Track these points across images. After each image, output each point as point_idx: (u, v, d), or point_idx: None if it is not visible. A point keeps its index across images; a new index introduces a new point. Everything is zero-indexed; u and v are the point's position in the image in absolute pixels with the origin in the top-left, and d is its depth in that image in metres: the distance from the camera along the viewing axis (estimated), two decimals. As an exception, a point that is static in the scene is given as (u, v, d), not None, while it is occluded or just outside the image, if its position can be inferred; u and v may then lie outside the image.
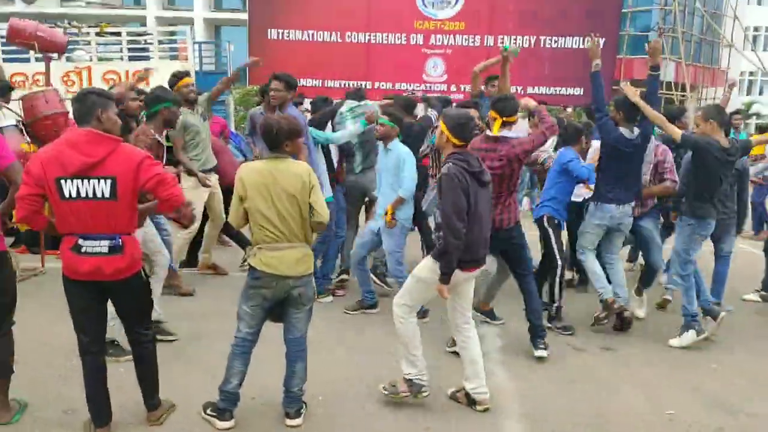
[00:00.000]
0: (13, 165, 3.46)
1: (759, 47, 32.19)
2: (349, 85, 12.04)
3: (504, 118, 4.48)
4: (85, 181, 3.05)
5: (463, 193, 3.51)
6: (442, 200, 3.54)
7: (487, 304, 5.42)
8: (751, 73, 35.35)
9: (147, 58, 10.62)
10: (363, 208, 6.82)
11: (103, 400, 3.35)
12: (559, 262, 5.19)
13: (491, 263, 5.04)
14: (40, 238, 6.62)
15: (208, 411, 3.56)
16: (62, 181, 3.04)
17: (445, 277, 3.57)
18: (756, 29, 36.82)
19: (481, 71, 6.42)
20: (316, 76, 11.93)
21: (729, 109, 6.47)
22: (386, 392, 3.85)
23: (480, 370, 3.87)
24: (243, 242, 6.27)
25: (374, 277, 6.02)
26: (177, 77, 5.92)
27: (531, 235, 5.12)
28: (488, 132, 4.57)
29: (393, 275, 5.47)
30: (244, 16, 12.98)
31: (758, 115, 31.35)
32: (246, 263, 3.76)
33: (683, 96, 21.54)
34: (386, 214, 5.22)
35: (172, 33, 12.06)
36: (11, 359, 3.50)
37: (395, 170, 5.20)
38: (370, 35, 12.04)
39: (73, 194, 3.05)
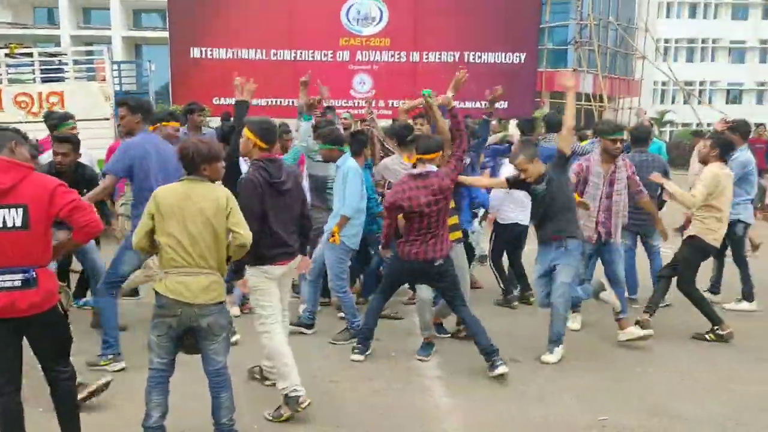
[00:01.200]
0: None
1: (670, 58, 33.97)
2: (277, 102, 11.95)
3: (419, 155, 4.55)
4: None
5: (256, 199, 3.73)
6: (238, 201, 3.53)
7: (438, 318, 5.43)
8: (663, 83, 37.24)
9: (62, 79, 10.17)
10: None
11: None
12: None
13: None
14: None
15: None
16: None
17: (240, 273, 3.77)
18: (666, 41, 38.87)
19: (407, 111, 6.53)
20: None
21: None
22: (271, 418, 3.84)
23: (289, 367, 3.84)
24: None
25: None
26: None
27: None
28: (413, 171, 4.60)
29: (334, 290, 5.42)
30: (166, 34, 12.67)
31: (672, 123, 32.99)
32: None
33: (601, 106, 22.47)
34: (332, 234, 5.16)
35: (89, 53, 11.64)
36: None
37: (342, 187, 5.17)
38: (295, 52, 11.97)
39: (-17, 224, 2.85)
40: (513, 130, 9.06)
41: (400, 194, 4.48)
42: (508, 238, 6.36)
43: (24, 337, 3.13)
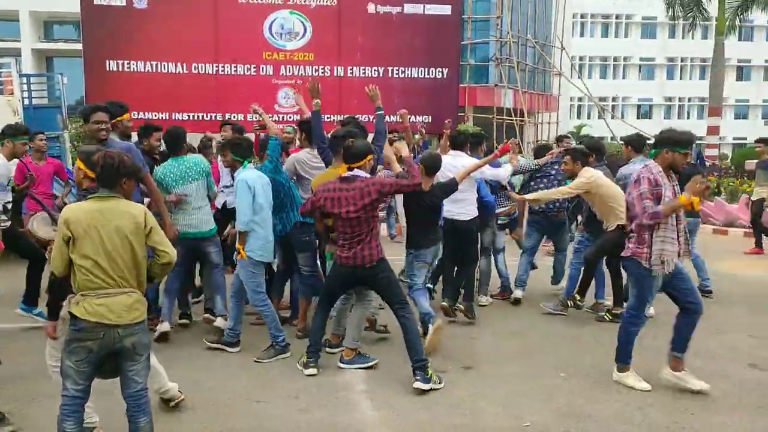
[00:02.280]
0: None
1: (585, 75, 35.50)
2: (199, 117, 11.72)
3: (347, 165, 4.75)
4: None
5: None
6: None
7: (337, 337, 5.36)
8: (579, 99, 38.87)
9: (-35, 93, 9.65)
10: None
11: None
12: None
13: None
14: None
15: None
16: None
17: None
18: (581, 58, 40.68)
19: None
20: (162, 109, 11.46)
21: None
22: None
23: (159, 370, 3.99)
24: None
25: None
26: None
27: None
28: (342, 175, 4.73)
29: (253, 304, 5.32)
30: (79, 46, 12.21)
31: (588, 137, 34.41)
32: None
33: (522, 121, 23.15)
34: (238, 251, 5.10)
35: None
36: None
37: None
38: (218, 66, 11.80)
39: None
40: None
41: (322, 194, 4.67)
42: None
43: None
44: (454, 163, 6.16)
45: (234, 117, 11.99)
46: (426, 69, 12.22)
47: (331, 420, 4.09)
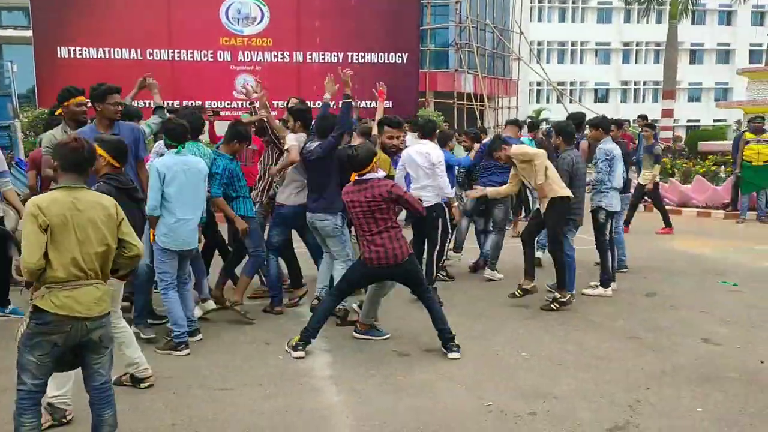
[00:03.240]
0: None
1: (543, 59, 35.89)
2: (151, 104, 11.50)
3: (356, 173, 4.94)
4: None
5: None
6: None
7: (367, 325, 5.43)
8: (538, 84, 39.29)
9: None
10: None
11: None
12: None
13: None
14: None
15: None
16: None
17: None
18: (539, 43, 41.08)
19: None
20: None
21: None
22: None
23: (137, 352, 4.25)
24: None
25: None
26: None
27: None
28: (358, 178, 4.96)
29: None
30: (29, 33, 11.84)
31: (547, 121, 34.88)
32: None
33: (482, 105, 23.32)
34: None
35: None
36: None
37: None
38: (173, 52, 11.59)
39: None
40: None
41: (345, 195, 5.01)
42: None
43: None
44: (421, 150, 6.23)
45: (191, 104, 11.80)
46: (386, 54, 12.21)
47: (295, 406, 4.09)
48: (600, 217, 6.59)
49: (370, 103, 12.29)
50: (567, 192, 6.12)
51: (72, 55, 11.03)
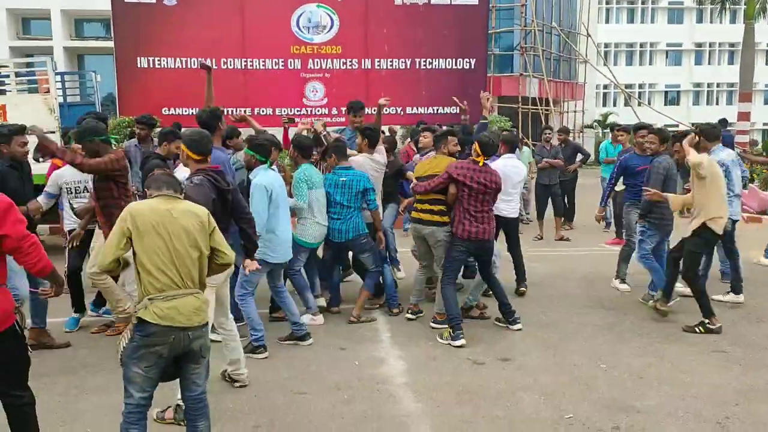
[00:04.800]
0: None
1: (611, 62, 35.01)
2: (228, 112, 11.80)
3: (486, 157, 5.52)
4: None
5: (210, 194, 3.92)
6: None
7: (442, 314, 5.69)
8: (605, 86, 38.35)
9: (2, 92, 9.84)
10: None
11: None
12: None
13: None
14: None
15: None
16: None
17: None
18: (606, 45, 40.10)
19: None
20: (191, 105, 11.53)
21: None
22: (156, 418, 3.89)
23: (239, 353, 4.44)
24: None
25: None
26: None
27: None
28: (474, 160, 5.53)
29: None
30: (109, 44, 12.35)
31: (614, 126, 34.00)
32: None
33: (547, 110, 22.98)
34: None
35: (30, 64, 11.27)
36: None
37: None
38: (246, 61, 11.85)
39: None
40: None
41: (458, 171, 5.45)
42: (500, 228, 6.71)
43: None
44: (515, 165, 6.77)
45: (263, 112, 12.08)
46: (453, 60, 12.16)
47: (374, 412, 4.13)
48: (727, 225, 6.21)
49: (437, 110, 12.32)
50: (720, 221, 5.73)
51: (150, 65, 11.43)
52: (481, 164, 5.49)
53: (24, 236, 2.98)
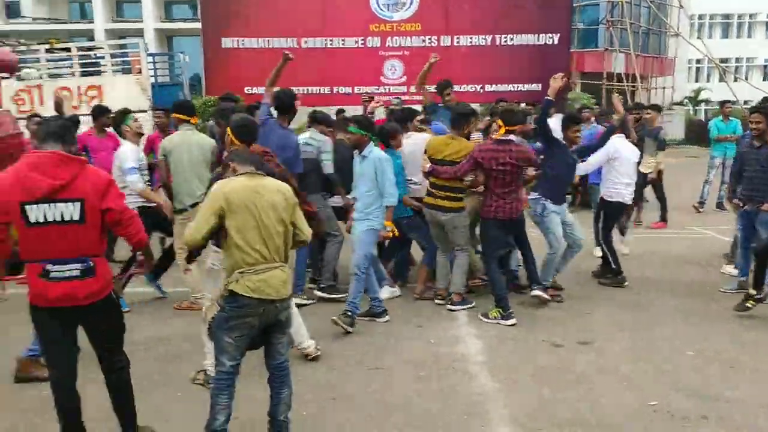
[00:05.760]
0: None
1: (704, 35, 33.11)
2: (307, 91, 11.97)
3: (507, 126, 5.40)
4: (52, 205, 2.95)
5: None
6: None
7: (444, 290, 5.73)
8: (698, 61, 36.35)
9: (98, 73, 10.36)
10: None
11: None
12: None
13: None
14: (-1, 264, 6.35)
15: None
16: (27, 207, 2.93)
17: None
18: (701, 17, 37.92)
19: (423, 83, 6.45)
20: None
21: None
22: (197, 382, 4.16)
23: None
24: None
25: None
26: None
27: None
28: (493, 136, 5.53)
29: (357, 267, 5.25)
30: (196, 25, 12.75)
31: (707, 101, 32.25)
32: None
33: (633, 86, 22.02)
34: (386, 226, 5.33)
35: (123, 46, 11.81)
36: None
37: (373, 176, 5.19)
38: (326, 40, 12.00)
39: (40, 219, 2.95)
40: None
41: (481, 154, 5.36)
42: (616, 215, 6.60)
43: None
44: (629, 145, 6.57)
45: (341, 90, 12.21)
46: (535, 35, 11.86)
47: (450, 389, 4.15)
48: None
49: (517, 87, 12.06)
50: None
51: (235, 46, 11.78)
52: (501, 134, 5.42)
53: (125, 209, 3.15)
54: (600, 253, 6.71)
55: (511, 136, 5.45)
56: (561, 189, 5.95)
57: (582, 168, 6.31)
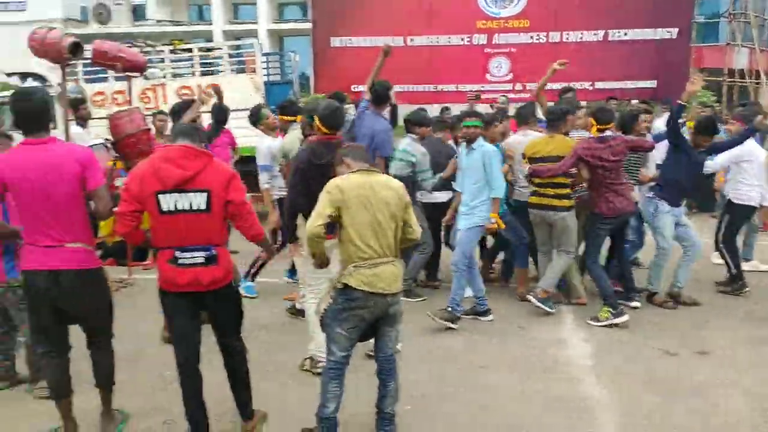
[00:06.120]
0: (99, 189, 3.36)
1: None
2: (413, 89, 12.03)
3: (600, 125, 5.30)
4: (183, 194, 3.15)
5: (300, 173, 4.10)
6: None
7: (546, 291, 5.53)
8: (831, 56, 33.37)
9: (216, 72, 10.87)
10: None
11: (200, 411, 3.40)
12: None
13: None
14: (127, 250, 6.86)
15: None
16: (160, 196, 3.14)
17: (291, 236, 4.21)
18: (836, 9, 34.75)
19: (542, 88, 6.28)
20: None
21: None
22: (305, 368, 4.34)
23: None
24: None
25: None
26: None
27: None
28: (590, 135, 5.48)
29: (456, 265, 5.29)
30: (306, 25, 13.12)
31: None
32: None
33: (757, 83, 20.58)
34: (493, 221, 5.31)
35: (238, 47, 12.34)
36: (113, 371, 3.63)
37: (480, 168, 5.23)
38: (432, 38, 12.01)
39: (171, 208, 3.16)
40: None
41: (583, 151, 5.27)
42: (742, 218, 6.32)
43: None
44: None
45: (446, 88, 12.19)
46: (652, 29, 11.32)
47: (555, 393, 4.07)
48: None
49: (630, 84, 11.57)
50: None
51: (343, 45, 12.02)
52: (594, 133, 5.35)
53: (244, 203, 3.32)
54: (718, 260, 6.35)
55: (608, 133, 5.35)
56: (679, 192, 5.70)
57: (709, 166, 6.04)
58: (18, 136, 3.45)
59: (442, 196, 6.10)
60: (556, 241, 5.61)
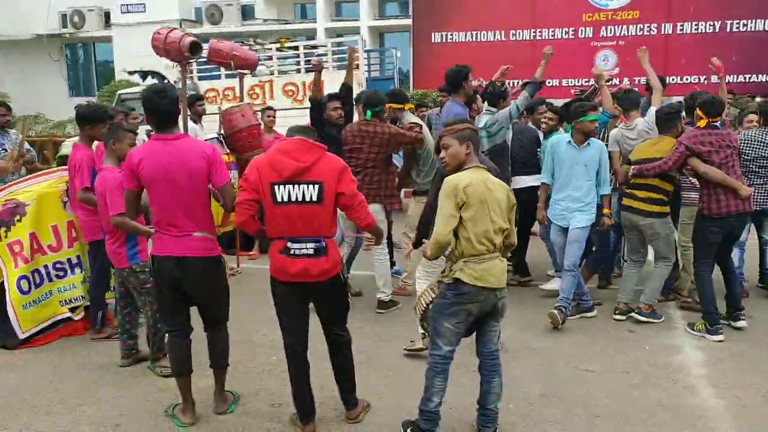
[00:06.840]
0: (225, 186, 3.56)
1: None
2: (514, 84, 11.84)
3: (710, 118, 4.92)
4: (296, 185, 3.27)
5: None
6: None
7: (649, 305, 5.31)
8: None
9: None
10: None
11: (307, 397, 3.52)
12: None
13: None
14: (236, 240, 7.18)
15: (409, 431, 3.45)
16: (276, 186, 3.27)
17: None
18: None
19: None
20: (481, 77, 11.81)
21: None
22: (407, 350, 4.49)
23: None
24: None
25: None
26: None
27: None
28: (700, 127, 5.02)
29: (570, 267, 5.23)
30: (406, 21, 13.18)
31: None
32: None
33: None
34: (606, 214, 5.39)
35: (340, 44, 12.58)
36: (227, 353, 3.81)
37: (596, 165, 5.25)
38: (535, 32, 11.76)
39: (285, 198, 3.28)
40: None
41: (697, 141, 4.90)
42: None
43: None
44: None
45: (549, 82, 11.89)
46: (776, 20, 10.58)
47: (668, 401, 3.89)
48: None
49: (748, 78, 10.86)
50: None
51: (443, 40, 11.98)
52: (703, 126, 4.94)
53: (355, 194, 3.40)
54: None
55: (717, 124, 5.03)
56: None
57: None
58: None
59: (530, 180, 6.07)
60: (654, 250, 5.39)
